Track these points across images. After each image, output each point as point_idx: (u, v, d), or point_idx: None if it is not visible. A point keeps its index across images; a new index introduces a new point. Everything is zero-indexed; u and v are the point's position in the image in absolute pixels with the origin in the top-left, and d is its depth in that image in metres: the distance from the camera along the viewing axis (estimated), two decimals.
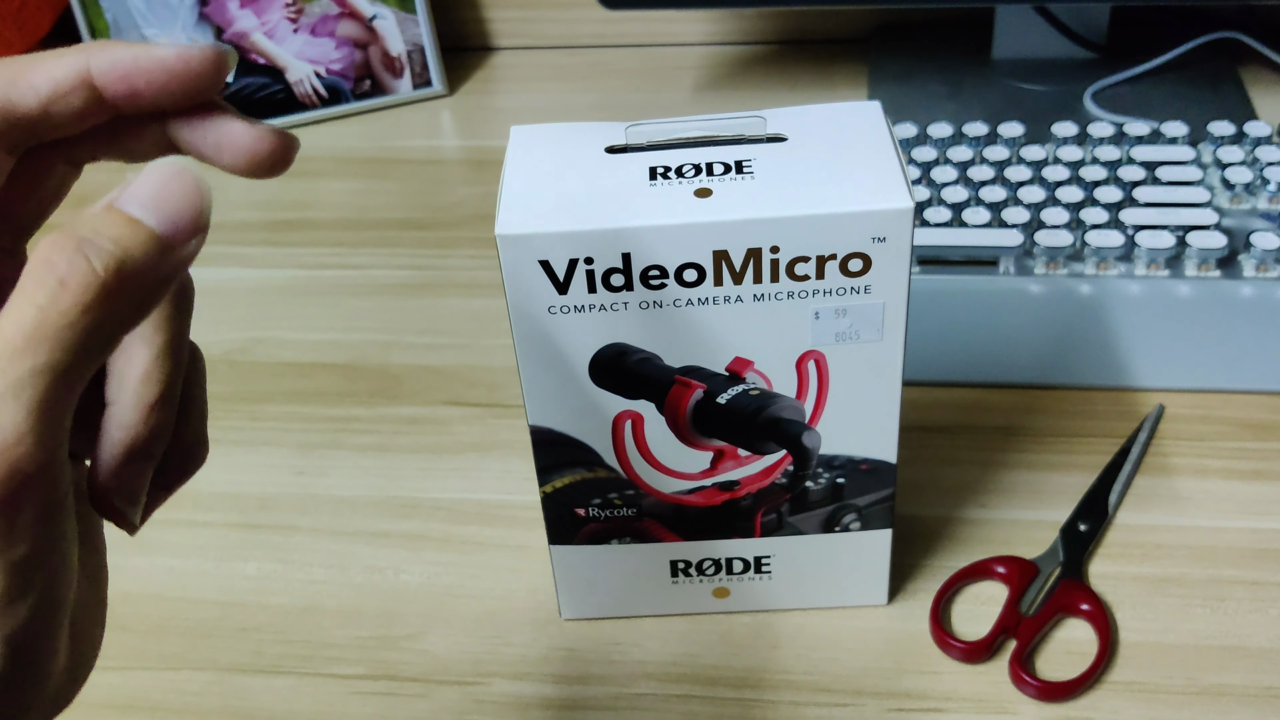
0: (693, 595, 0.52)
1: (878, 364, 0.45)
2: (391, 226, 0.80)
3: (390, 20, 0.90)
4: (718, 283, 0.42)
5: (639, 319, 0.43)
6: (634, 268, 0.42)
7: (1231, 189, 0.72)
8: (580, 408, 0.46)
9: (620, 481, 0.48)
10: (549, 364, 0.44)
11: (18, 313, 0.24)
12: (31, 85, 0.29)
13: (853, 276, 0.42)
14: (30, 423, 0.24)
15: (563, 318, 0.43)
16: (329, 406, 0.66)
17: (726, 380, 0.45)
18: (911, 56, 0.90)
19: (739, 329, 0.43)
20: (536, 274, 0.42)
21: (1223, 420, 0.60)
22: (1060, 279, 0.68)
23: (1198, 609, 0.52)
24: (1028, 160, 0.74)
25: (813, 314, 0.43)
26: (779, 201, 0.41)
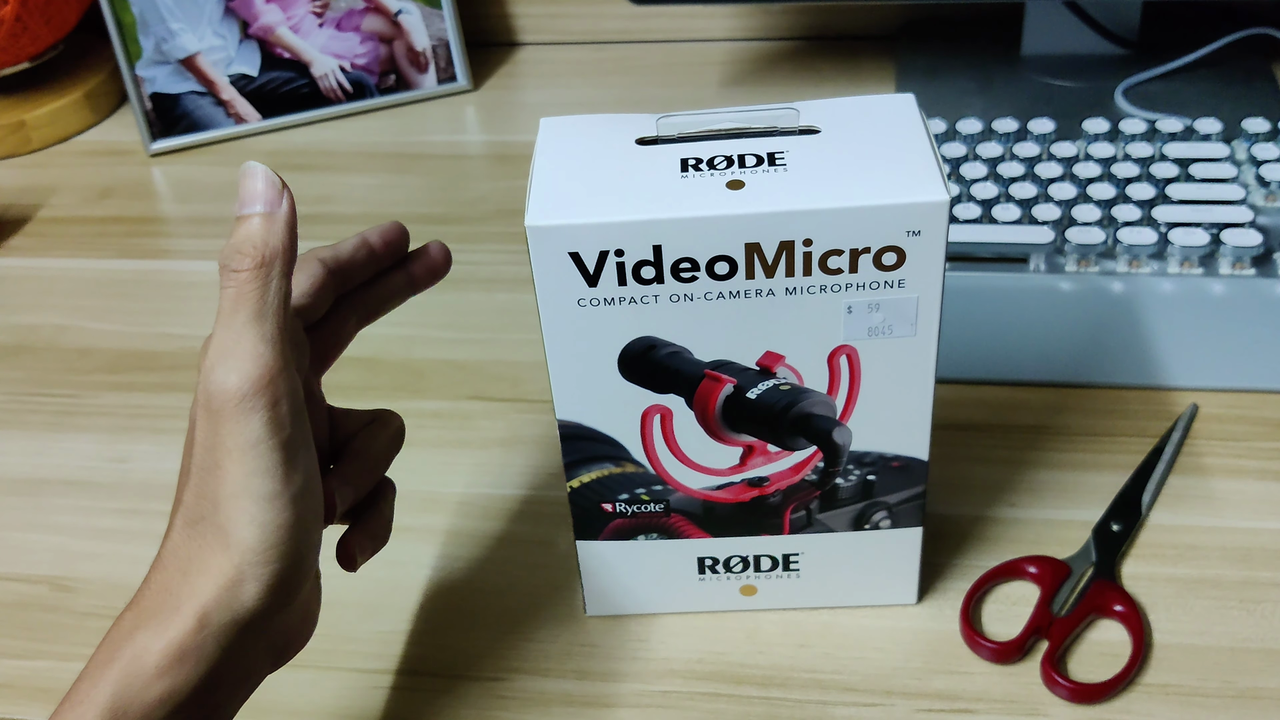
0: (720, 592, 0.52)
1: (911, 359, 0.44)
2: (415, 221, 0.79)
3: (415, 15, 0.90)
4: (749, 276, 0.41)
5: (669, 312, 0.42)
6: (665, 260, 0.41)
7: (1266, 186, 0.71)
8: (609, 402, 0.45)
9: (648, 477, 0.47)
10: (578, 357, 0.44)
11: (224, 298, 0.38)
12: (343, 246, 0.45)
13: (886, 270, 0.41)
14: (266, 349, 0.38)
15: (593, 310, 0.42)
16: (350, 400, 0.66)
17: (757, 375, 0.44)
18: (940, 52, 0.89)
19: (770, 323, 0.43)
20: (566, 266, 0.41)
21: (1258, 420, 0.59)
22: (1092, 277, 0.67)
23: (1234, 611, 0.51)
24: (1058, 157, 0.73)
25: (845, 308, 0.42)
26: (812, 194, 0.40)
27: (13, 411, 0.68)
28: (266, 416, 0.37)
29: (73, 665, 0.54)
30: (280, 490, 0.38)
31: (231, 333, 0.38)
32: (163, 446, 0.64)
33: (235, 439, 0.37)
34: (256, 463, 0.38)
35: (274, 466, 0.38)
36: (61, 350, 0.72)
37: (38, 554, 0.59)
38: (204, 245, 0.79)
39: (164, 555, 0.40)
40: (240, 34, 0.88)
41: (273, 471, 0.38)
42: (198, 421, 0.39)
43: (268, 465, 0.38)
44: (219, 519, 0.38)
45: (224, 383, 0.37)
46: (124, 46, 0.86)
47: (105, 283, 0.77)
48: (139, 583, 0.57)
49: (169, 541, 0.40)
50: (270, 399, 0.38)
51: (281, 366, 0.38)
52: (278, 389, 0.38)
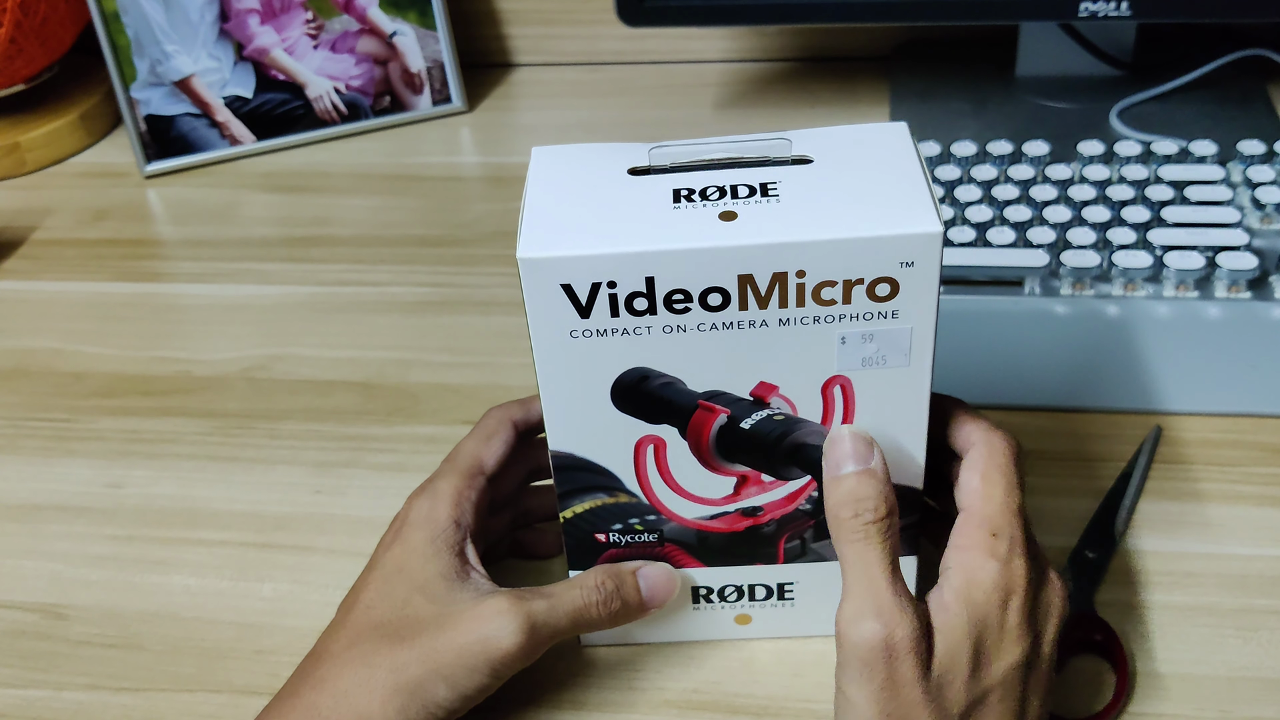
0: (714, 621, 0.52)
1: (905, 390, 0.44)
2: (410, 243, 0.79)
3: (410, 37, 0.90)
4: (743, 307, 0.41)
5: (662, 343, 0.42)
6: (657, 292, 0.41)
7: (1262, 209, 0.71)
8: (602, 433, 0.45)
9: (642, 507, 0.47)
10: (571, 389, 0.44)
11: (575, 594, 0.47)
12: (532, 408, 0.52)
13: (880, 301, 0.41)
14: (544, 648, 0.47)
15: (585, 342, 0.42)
16: (347, 425, 0.66)
17: (750, 405, 0.44)
18: (934, 74, 0.89)
19: (763, 353, 0.43)
20: (558, 298, 0.41)
21: (1255, 445, 0.59)
22: (1087, 300, 0.67)
23: (1230, 639, 0.51)
24: (1053, 179, 0.73)
25: (839, 339, 0.42)
26: (805, 225, 0.40)
27: (7, 436, 0.68)
28: (499, 672, 0.46)
29: (66, 694, 0.54)
30: (461, 707, 0.46)
31: (540, 607, 0.46)
32: (158, 471, 0.64)
33: (466, 659, 0.45)
34: (468, 681, 0.45)
35: (475, 688, 0.46)
36: (56, 374, 0.71)
37: (31, 581, 0.59)
38: (199, 268, 0.79)
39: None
40: (235, 56, 0.88)
41: (468, 693, 0.45)
42: (420, 613, 0.46)
43: (472, 687, 0.46)
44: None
45: (508, 637, 0.45)
46: (119, 68, 0.86)
47: (100, 305, 0.77)
48: (133, 610, 0.57)
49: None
50: (515, 666, 0.46)
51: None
52: (531, 655, 0.46)
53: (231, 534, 0.60)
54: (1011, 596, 0.42)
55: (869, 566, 0.41)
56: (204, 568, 0.59)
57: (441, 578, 0.46)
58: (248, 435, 0.66)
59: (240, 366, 0.70)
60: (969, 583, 0.42)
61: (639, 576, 0.48)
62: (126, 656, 0.55)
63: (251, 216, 0.83)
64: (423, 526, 0.47)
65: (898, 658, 0.40)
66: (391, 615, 0.46)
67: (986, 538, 0.42)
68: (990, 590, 0.41)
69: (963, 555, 0.42)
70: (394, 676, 0.44)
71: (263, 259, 0.79)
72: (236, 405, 0.68)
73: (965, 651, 0.41)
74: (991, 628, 0.41)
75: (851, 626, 0.41)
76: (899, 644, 0.40)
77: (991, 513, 0.43)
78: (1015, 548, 0.42)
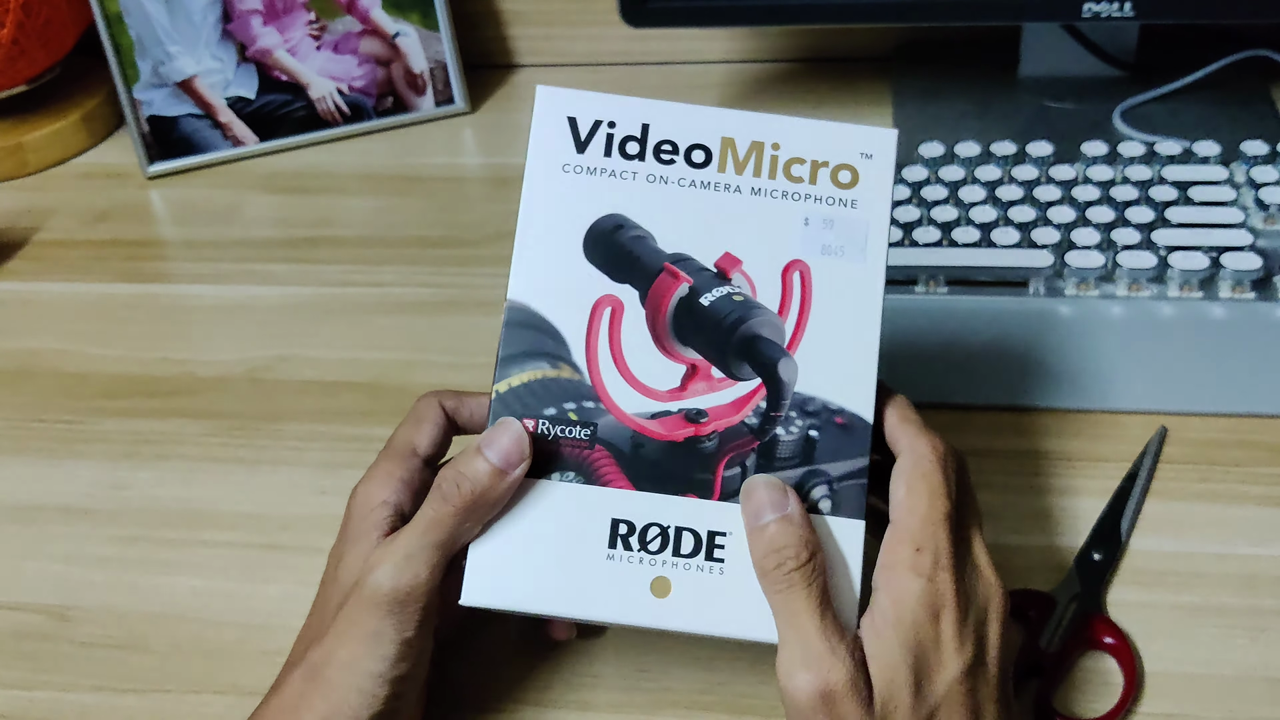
0: (627, 584, 0.45)
1: (859, 288, 0.46)
2: (414, 244, 0.79)
3: (413, 37, 0.90)
4: (721, 169, 0.47)
5: (643, 192, 0.46)
6: (650, 139, 0.46)
7: (1266, 209, 0.71)
8: (565, 284, 0.46)
9: (582, 389, 0.45)
10: (547, 227, 0.47)
11: (426, 510, 0.44)
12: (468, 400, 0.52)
13: (842, 188, 0.47)
14: (425, 570, 0.43)
15: (575, 178, 0.47)
16: (352, 425, 0.66)
17: (714, 279, 0.46)
18: (937, 74, 0.89)
19: (734, 222, 0.46)
20: (561, 128, 0.47)
21: (1260, 445, 0.59)
22: (1091, 300, 0.67)
23: (1238, 639, 0.51)
24: (1057, 180, 0.73)
25: (803, 219, 0.47)
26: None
27: (11, 437, 0.67)
28: (399, 620, 0.43)
29: (71, 696, 0.54)
30: (385, 671, 0.44)
31: (404, 539, 0.44)
32: (163, 473, 0.64)
33: (364, 625, 0.44)
34: (376, 649, 0.44)
35: (389, 655, 0.44)
36: (60, 375, 0.71)
37: (36, 582, 0.59)
38: (202, 269, 0.79)
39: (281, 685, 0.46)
40: (238, 57, 0.88)
41: (386, 658, 0.44)
42: (346, 587, 0.45)
43: (384, 653, 0.44)
44: (329, 674, 0.44)
45: (378, 583, 0.43)
46: (121, 69, 0.86)
47: (104, 307, 0.76)
48: (138, 612, 0.57)
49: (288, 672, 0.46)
50: (410, 611, 0.43)
51: (432, 586, 0.44)
52: (420, 604, 0.44)
53: (236, 535, 0.60)
54: (941, 611, 0.42)
55: (796, 615, 0.41)
56: (209, 569, 0.59)
57: (358, 558, 0.46)
58: (252, 436, 0.66)
59: (244, 367, 0.70)
60: (896, 603, 0.42)
61: (482, 447, 0.44)
62: (131, 658, 0.55)
63: (254, 217, 0.83)
64: (353, 514, 0.48)
65: (836, 703, 0.40)
66: (325, 613, 0.46)
67: (910, 554, 0.42)
68: (918, 608, 0.41)
69: (888, 574, 0.42)
70: (324, 667, 0.44)
71: (266, 260, 0.79)
72: (240, 406, 0.68)
73: (903, 677, 0.41)
74: (926, 646, 0.41)
75: (788, 679, 0.41)
76: (835, 690, 0.40)
77: (914, 526, 0.43)
78: (940, 560, 0.42)
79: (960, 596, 0.42)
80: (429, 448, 0.49)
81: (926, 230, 0.71)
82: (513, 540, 0.45)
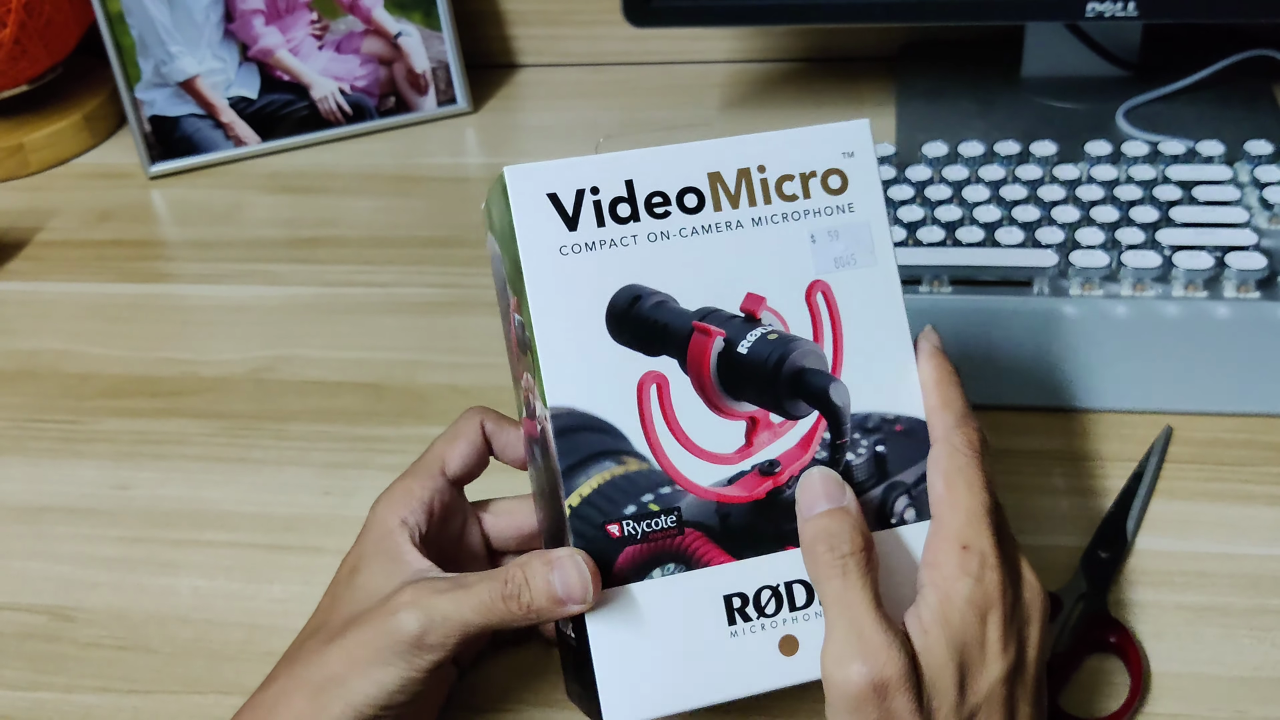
0: (757, 654, 0.45)
1: (879, 291, 0.46)
2: (417, 244, 0.79)
3: (415, 37, 0.90)
4: (716, 207, 0.45)
5: (649, 254, 0.44)
6: (638, 194, 0.44)
7: (1270, 209, 0.71)
8: (601, 373, 0.44)
9: (655, 476, 0.45)
10: (565, 320, 0.44)
11: (483, 591, 0.43)
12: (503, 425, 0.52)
13: (835, 195, 0.46)
14: (455, 640, 0.43)
15: (575, 258, 0.44)
16: (355, 426, 0.66)
17: (744, 324, 0.45)
18: (940, 74, 0.89)
19: (745, 258, 0.45)
20: (545, 210, 0.44)
21: (1266, 445, 0.59)
22: (1096, 300, 0.67)
23: (1244, 639, 0.51)
24: (1061, 179, 0.73)
25: (809, 238, 0.45)
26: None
27: (14, 438, 0.67)
28: (409, 662, 0.43)
29: (74, 696, 0.53)
30: (380, 700, 0.43)
31: (447, 602, 0.43)
32: (165, 473, 0.64)
33: (374, 655, 0.43)
34: (378, 677, 0.43)
35: (390, 686, 0.43)
36: (62, 375, 0.71)
37: (39, 583, 0.59)
38: (204, 269, 0.79)
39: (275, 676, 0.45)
40: (240, 57, 0.88)
41: (386, 688, 0.43)
42: (362, 603, 0.45)
43: (385, 683, 0.43)
44: (321, 683, 0.43)
45: (407, 626, 0.42)
46: (123, 69, 0.86)
47: (106, 307, 0.76)
48: (141, 612, 0.57)
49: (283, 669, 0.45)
50: (424, 660, 0.43)
51: (452, 652, 0.43)
52: (435, 658, 0.43)
53: (240, 535, 0.60)
54: (989, 612, 0.41)
55: (850, 605, 0.40)
56: (212, 569, 0.59)
57: (379, 574, 0.46)
58: (255, 436, 0.66)
59: (247, 367, 0.70)
60: (944, 602, 0.41)
61: (553, 564, 0.43)
62: (135, 658, 0.55)
63: (257, 217, 0.83)
64: (373, 528, 0.47)
65: (890, 696, 0.39)
66: (331, 617, 0.46)
67: (957, 552, 0.41)
68: (966, 609, 0.41)
69: (935, 573, 0.42)
70: (317, 672, 0.44)
71: (269, 260, 0.79)
72: (244, 406, 0.68)
73: (949, 675, 0.40)
74: (972, 646, 0.41)
75: (838, 669, 0.40)
76: (890, 682, 0.39)
77: (959, 524, 0.42)
78: (987, 560, 0.41)
79: (1007, 598, 0.41)
80: (460, 468, 0.49)
81: (931, 230, 0.70)
82: (638, 649, 0.44)
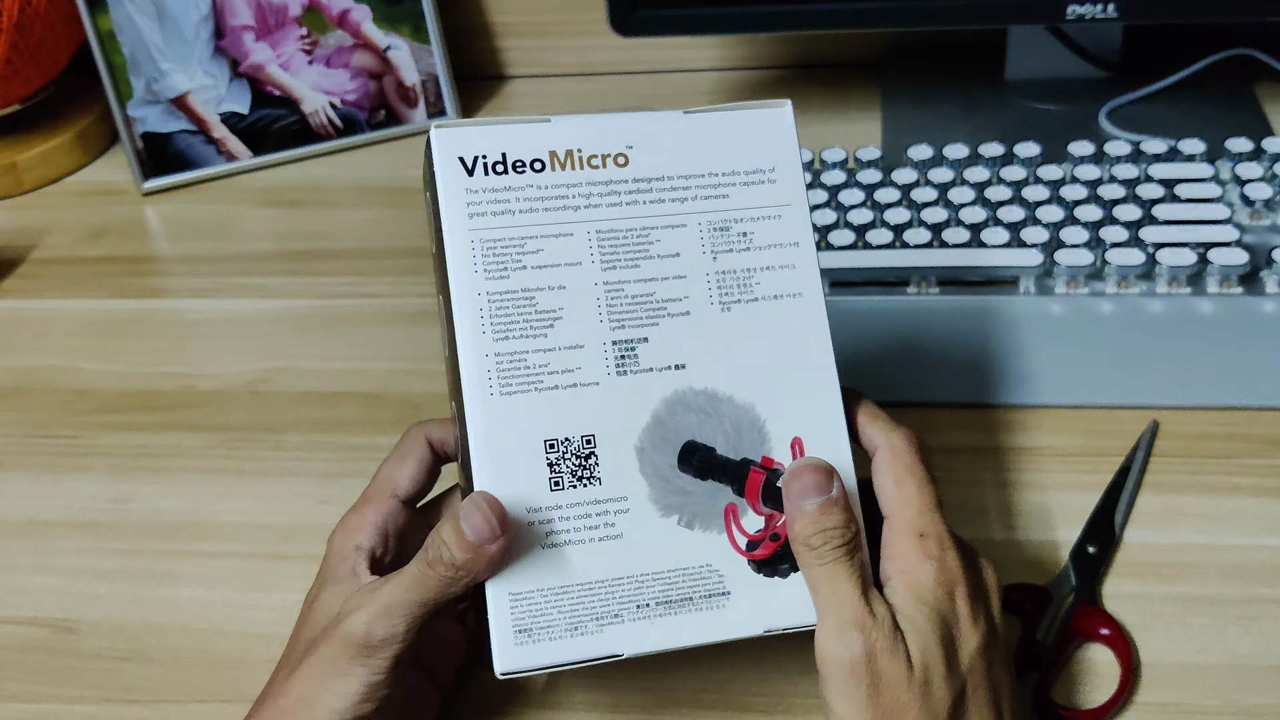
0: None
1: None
2: (410, 255, 0.80)
3: (404, 51, 0.91)
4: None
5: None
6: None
7: (1251, 205, 0.71)
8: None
9: None
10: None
11: (412, 568, 0.43)
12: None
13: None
14: (403, 625, 0.43)
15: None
16: (352, 435, 0.66)
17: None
18: (925, 78, 0.90)
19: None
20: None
21: (1250, 438, 0.60)
22: (1081, 298, 0.68)
23: (1232, 628, 0.52)
24: (1045, 180, 0.74)
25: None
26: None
27: (12, 453, 0.68)
28: (368, 666, 0.43)
29: (77, 708, 0.54)
30: (346, 711, 0.44)
31: (386, 591, 0.43)
32: (164, 486, 0.65)
33: (333, 665, 0.44)
34: (341, 687, 0.44)
35: (354, 695, 0.44)
36: (60, 391, 0.72)
37: (41, 596, 0.59)
38: (199, 283, 0.79)
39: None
40: (230, 73, 0.88)
41: (350, 698, 0.44)
42: (319, 626, 0.45)
43: (348, 692, 0.44)
44: (289, 706, 0.44)
45: (353, 628, 0.43)
46: (115, 87, 0.86)
47: (101, 323, 0.77)
48: (143, 623, 0.57)
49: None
50: (382, 659, 0.43)
51: (407, 641, 0.44)
52: (392, 653, 0.43)
53: (239, 545, 0.61)
54: (955, 588, 0.43)
55: (839, 584, 0.42)
56: (212, 579, 0.59)
57: (334, 599, 0.46)
58: (253, 448, 0.66)
59: (243, 380, 0.71)
60: (913, 585, 0.43)
61: (459, 516, 0.43)
62: (137, 669, 0.55)
63: (250, 231, 0.84)
64: (329, 558, 0.48)
65: (880, 659, 0.41)
66: (293, 651, 0.47)
67: (916, 541, 0.44)
68: (935, 588, 0.43)
69: (899, 563, 0.44)
70: (283, 700, 0.44)
71: (263, 273, 0.79)
72: (241, 418, 0.68)
73: (936, 646, 0.42)
74: (949, 621, 0.43)
75: (832, 642, 0.42)
76: (877, 650, 0.41)
77: (912, 516, 0.44)
78: (944, 543, 0.44)
79: (968, 575, 0.44)
80: (410, 487, 0.50)
81: (917, 231, 0.71)
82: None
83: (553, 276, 0.45)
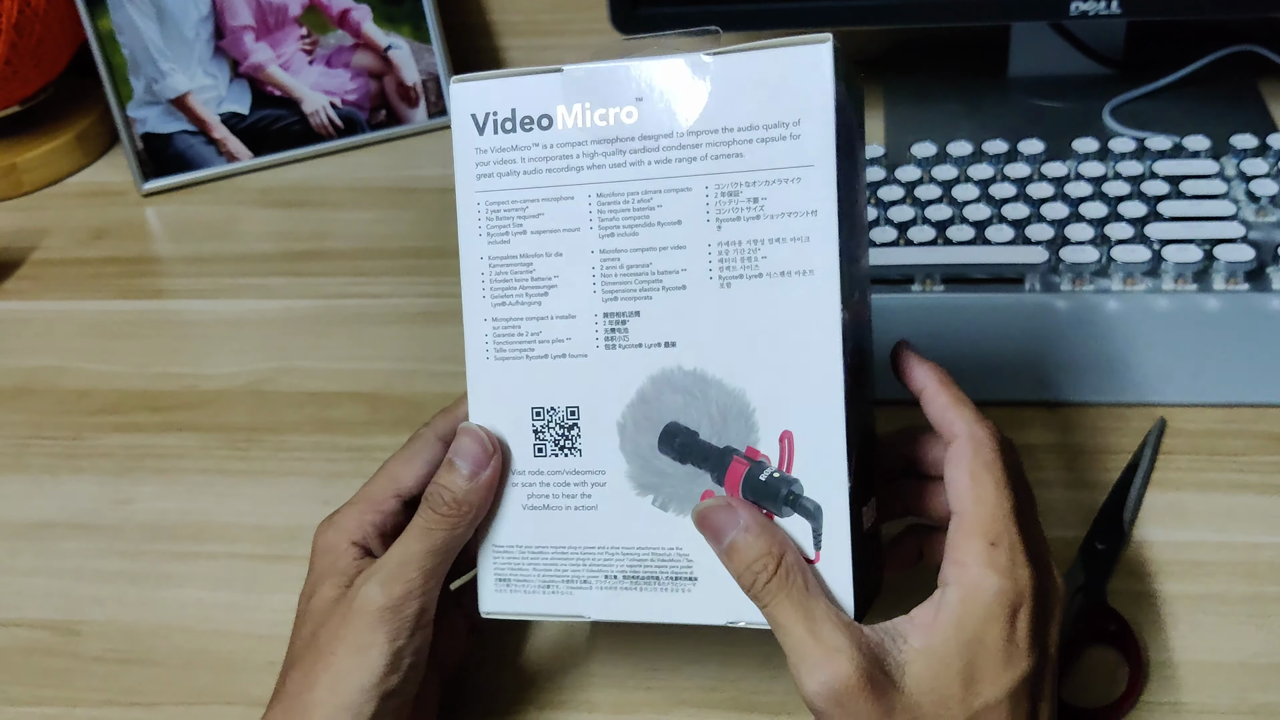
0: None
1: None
2: (411, 255, 0.79)
3: (405, 50, 0.90)
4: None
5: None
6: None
7: (1257, 201, 0.71)
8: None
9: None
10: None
11: (417, 520, 0.45)
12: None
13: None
14: (419, 576, 0.44)
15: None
16: (354, 436, 0.66)
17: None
18: (928, 76, 0.89)
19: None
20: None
21: (1258, 435, 0.60)
22: (1087, 295, 0.68)
23: (1242, 626, 0.52)
24: (1050, 177, 0.74)
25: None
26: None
27: (13, 455, 0.68)
28: (391, 629, 0.43)
29: (80, 710, 0.54)
30: (374, 685, 0.43)
31: (396, 549, 0.44)
32: (166, 487, 0.64)
33: (353, 640, 0.43)
34: (364, 661, 0.43)
35: (378, 668, 0.43)
36: (61, 392, 0.71)
37: (43, 598, 0.59)
38: (200, 284, 0.79)
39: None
40: (231, 73, 0.88)
41: (375, 671, 0.43)
42: (320, 617, 0.45)
43: (373, 665, 0.43)
44: (310, 698, 0.44)
45: (369, 594, 0.44)
46: (115, 88, 0.86)
47: (103, 324, 0.77)
48: (145, 625, 0.57)
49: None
50: (404, 618, 0.44)
51: (426, 593, 0.44)
52: (414, 609, 0.44)
53: (241, 546, 0.60)
54: (1019, 609, 0.40)
55: (785, 627, 0.40)
56: (215, 581, 0.59)
57: (335, 590, 0.46)
58: (255, 448, 0.66)
59: (245, 380, 0.70)
60: (967, 600, 0.40)
61: (452, 457, 0.45)
62: (140, 671, 0.55)
63: (251, 232, 0.84)
64: (324, 554, 0.47)
65: (846, 700, 0.39)
66: (296, 642, 0.46)
67: (985, 548, 0.40)
68: (993, 606, 0.40)
69: (961, 571, 0.40)
70: (297, 690, 0.44)
71: (264, 274, 0.79)
72: (243, 419, 0.68)
73: (953, 671, 0.39)
74: (990, 644, 0.40)
75: (800, 688, 0.40)
76: (842, 687, 0.39)
77: (985, 518, 0.41)
78: (1016, 556, 0.40)
79: (1037, 593, 0.41)
80: (416, 486, 0.48)
81: (921, 229, 0.71)
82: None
83: (551, 243, 0.45)
